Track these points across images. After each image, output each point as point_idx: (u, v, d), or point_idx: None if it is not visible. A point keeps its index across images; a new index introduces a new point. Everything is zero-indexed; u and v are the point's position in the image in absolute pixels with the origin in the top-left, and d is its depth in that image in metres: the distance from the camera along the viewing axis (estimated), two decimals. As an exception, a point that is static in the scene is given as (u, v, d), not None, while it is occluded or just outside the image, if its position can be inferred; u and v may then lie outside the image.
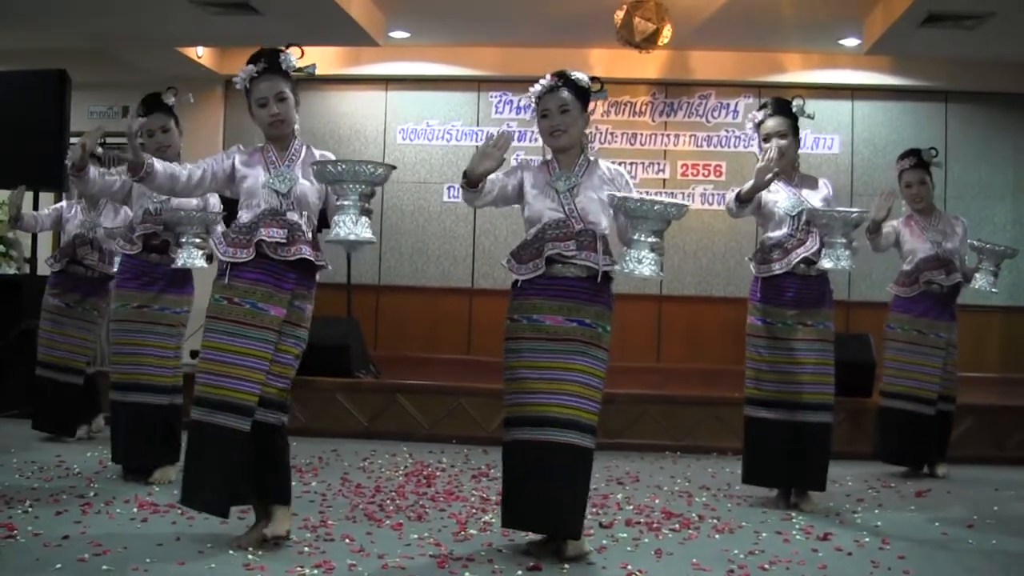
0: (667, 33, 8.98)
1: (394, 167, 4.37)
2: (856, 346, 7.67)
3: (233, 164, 4.55)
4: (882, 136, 11.10)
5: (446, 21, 10.15)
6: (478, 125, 11.30)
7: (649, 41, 8.98)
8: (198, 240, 5.26)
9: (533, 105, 4.65)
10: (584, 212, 4.46)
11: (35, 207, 8.46)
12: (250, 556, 4.27)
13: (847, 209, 5.40)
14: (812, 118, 5.90)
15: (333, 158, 4.34)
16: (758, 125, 5.76)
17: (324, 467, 6.57)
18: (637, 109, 11.26)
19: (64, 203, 7.34)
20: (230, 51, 11.11)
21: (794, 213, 5.63)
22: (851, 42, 10.18)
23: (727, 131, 11.07)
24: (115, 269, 6.37)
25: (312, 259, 4.47)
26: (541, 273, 4.43)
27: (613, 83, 11.18)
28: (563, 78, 4.58)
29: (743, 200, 5.51)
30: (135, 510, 5.03)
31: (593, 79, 4.66)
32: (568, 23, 9.72)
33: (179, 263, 5.26)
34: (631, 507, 5.58)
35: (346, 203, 4.19)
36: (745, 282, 7.65)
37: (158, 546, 4.38)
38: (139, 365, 5.79)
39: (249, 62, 4.54)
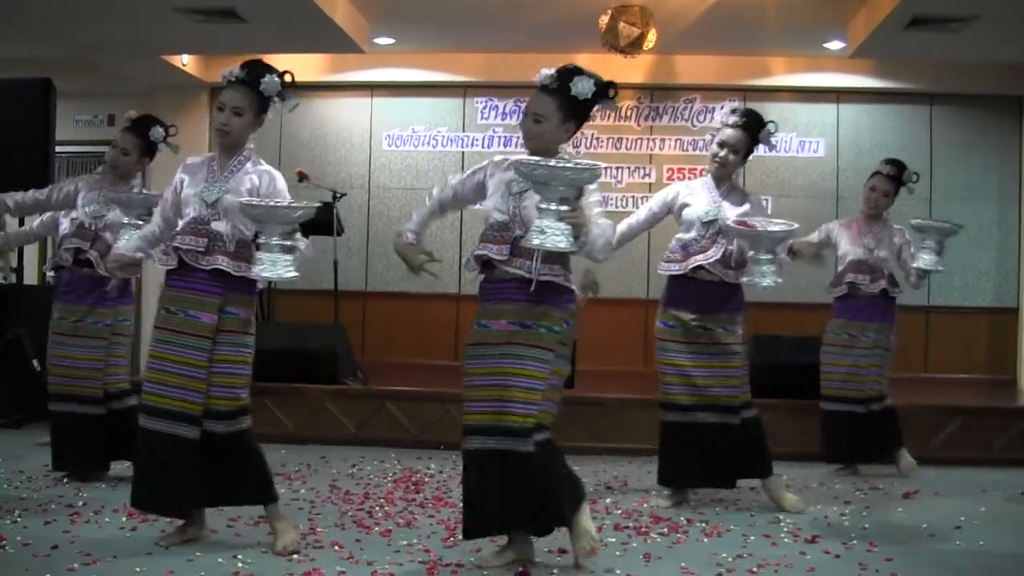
0: (652, 37, 9.01)
1: (317, 206, 4.51)
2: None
3: (180, 183, 4.68)
4: (867, 139, 11.13)
5: (431, 27, 10.16)
6: (464, 131, 11.31)
7: (634, 46, 9.00)
8: (140, 222, 5.34)
9: None
10: (527, 218, 4.21)
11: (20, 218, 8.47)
12: (240, 564, 4.27)
13: (770, 223, 5.38)
14: (772, 148, 5.97)
15: (255, 201, 4.39)
16: (721, 127, 5.81)
17: (312, 474, 6.56)
18: (622, 113, 11.28)
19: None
20: (215, 59, 11.09)
21: (706, 220, 5.66)
22: (835, 45, 10.21)
23: (712, 135, 11.02)
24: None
25: (228, 270, 4.49)
26: (486, 277, 4.38)
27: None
28: (560, 80, 4.36)
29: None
30: (124, 519, 5.02)
31: (607, 84, 4.43)
32: (553, 28, 9.73)
33: (119, 244, 5.33)
34: (619, 511, 5.59)
35: (268, 241, 4.29)
36: (731, 285, 7.71)
37: (147, 555, 4.38)
38: (70, 377, 5.92)
39: (241, 66, 4.64)
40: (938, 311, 10.97)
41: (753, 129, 5.73)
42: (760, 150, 5.92)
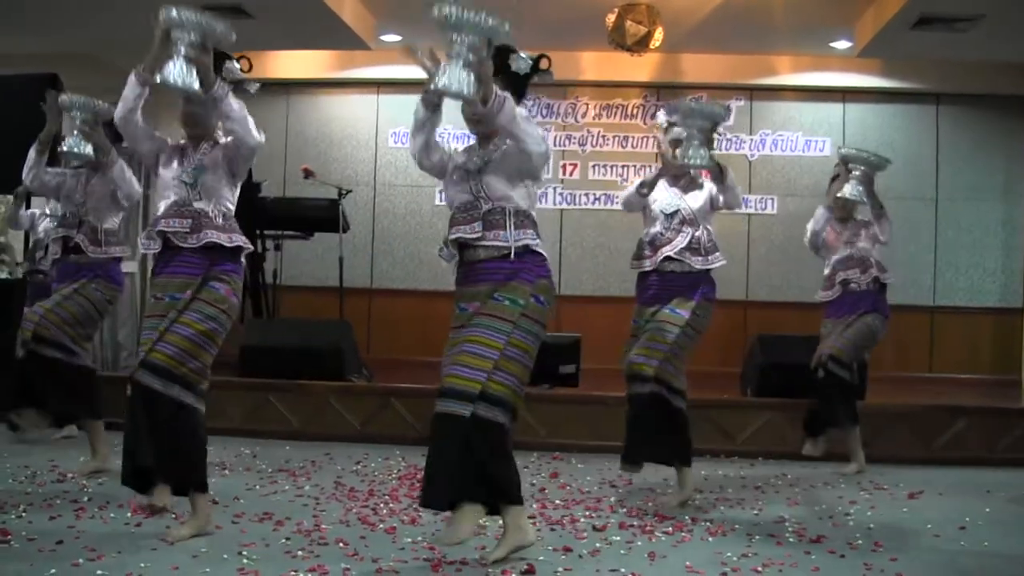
0: (659, 36, 9.01)
1: (230, 31, 4.64)
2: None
3: (160, 148, 4.79)
4: (873, 138, 11.11)
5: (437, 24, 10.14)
6: (470, 128, 11.30)
7: (641, 44, 9.01)
8: (86, 128, 5.76)
9: None
10: (492, 190, 4.32)
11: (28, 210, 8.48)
12: (245, 560, 4.27)
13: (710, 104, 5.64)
14: (720, 135, 6.04)
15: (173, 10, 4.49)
16: (668, 127, 5.84)
17: (317, 471, 6.56)
18: (629, 112, 11.28)
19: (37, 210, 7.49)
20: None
21: (669, 211, 5.74)
22: (842, 44, 10.21)
23: (718, 134, 11.03)
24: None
25: (222, 242, 4.59)
26: (461, 260, 4.38)
27: (605, 86, 11.25)
28: (497, 59, 4.41)
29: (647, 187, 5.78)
30: (129, 514, 5.02)
31: (540, 57, 4.51)
32: (560, 26, 9.73)
33: (66, 147, 5.75)
34: (624, 510, 5.59)
35: (178, 49, 4.47)
36: (733, 285, 7.74)
37: (152, 550, 4.38)
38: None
39: None
40: (943, 311, 10.98)
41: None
42: (767, 147, 5.95)
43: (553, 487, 6.19)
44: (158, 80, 4.48)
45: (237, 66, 4.80)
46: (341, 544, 4.61)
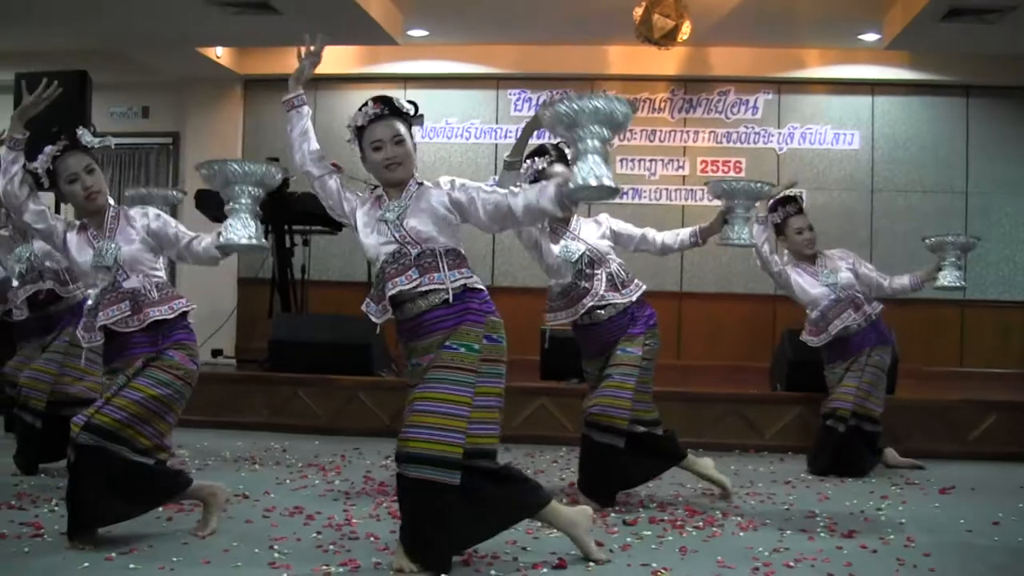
0: (686, 29, 8.97)
1: (287, 172, 4.53)
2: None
3: (64, 237, 4.64)
4: (902, 131, 11.08)
5: (464, 19, 10.16)
6: (497, 123, 11.29)
7: (668, 37, 8.97)
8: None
9: (352, 135, 4.47)
10: (417, 233, 4.14)
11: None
12: (276, 554, 4.28)
13: (751, 181, 5.44)
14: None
15: (233, 162, 4.28)
16: (540, 172, 5.44)
17: (347, 465, 6.58)
18: (656, 106, 11.26)
19: None
20: (249, 51, 11.16)
21: (574, 258, 5.52)
22: (871, 37, 10.16)
23: (746, 127, 11.04)
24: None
25: (166, 316, 4.50)
26: (400, 318, 4.20)
27: (632, 80, 11.23)
28: (389, 105, 4.35)
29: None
30: (160, 509, 5.03)
31: (410, 102, 4.41)
32: (587, 20, 9.72)
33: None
34: (654, 504, 5.57)
35: (236, 206, 4.24)
36: (762, 280, 7.66)
37: (183, 544, 4.40)
38: (23, 387, 5.96)
39: (57, 139, 4.66)
40: (973, 305, 10.92)
41: (567, 159, 5.47)
42: (795, 141, 5.85)
43: (582, 482, 6.17)
44: (221, 242, 4.27)
45: (87, 131, 4.70)
46: (372, 538, 4.63)
